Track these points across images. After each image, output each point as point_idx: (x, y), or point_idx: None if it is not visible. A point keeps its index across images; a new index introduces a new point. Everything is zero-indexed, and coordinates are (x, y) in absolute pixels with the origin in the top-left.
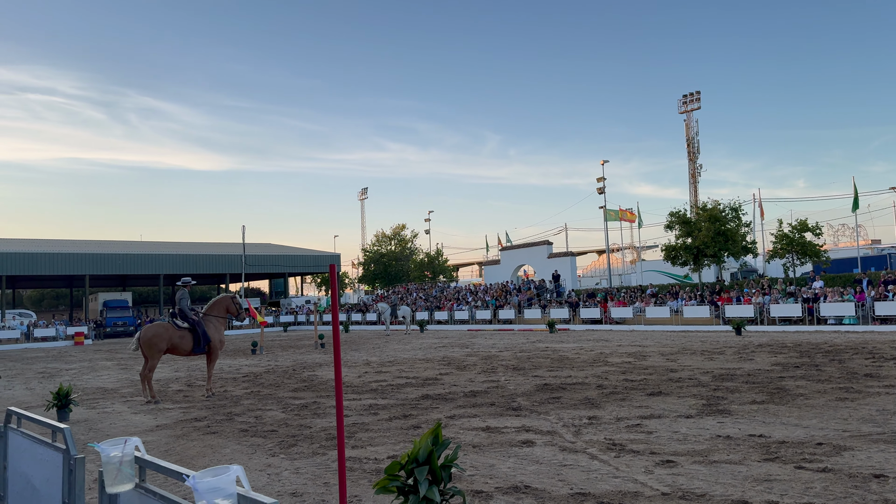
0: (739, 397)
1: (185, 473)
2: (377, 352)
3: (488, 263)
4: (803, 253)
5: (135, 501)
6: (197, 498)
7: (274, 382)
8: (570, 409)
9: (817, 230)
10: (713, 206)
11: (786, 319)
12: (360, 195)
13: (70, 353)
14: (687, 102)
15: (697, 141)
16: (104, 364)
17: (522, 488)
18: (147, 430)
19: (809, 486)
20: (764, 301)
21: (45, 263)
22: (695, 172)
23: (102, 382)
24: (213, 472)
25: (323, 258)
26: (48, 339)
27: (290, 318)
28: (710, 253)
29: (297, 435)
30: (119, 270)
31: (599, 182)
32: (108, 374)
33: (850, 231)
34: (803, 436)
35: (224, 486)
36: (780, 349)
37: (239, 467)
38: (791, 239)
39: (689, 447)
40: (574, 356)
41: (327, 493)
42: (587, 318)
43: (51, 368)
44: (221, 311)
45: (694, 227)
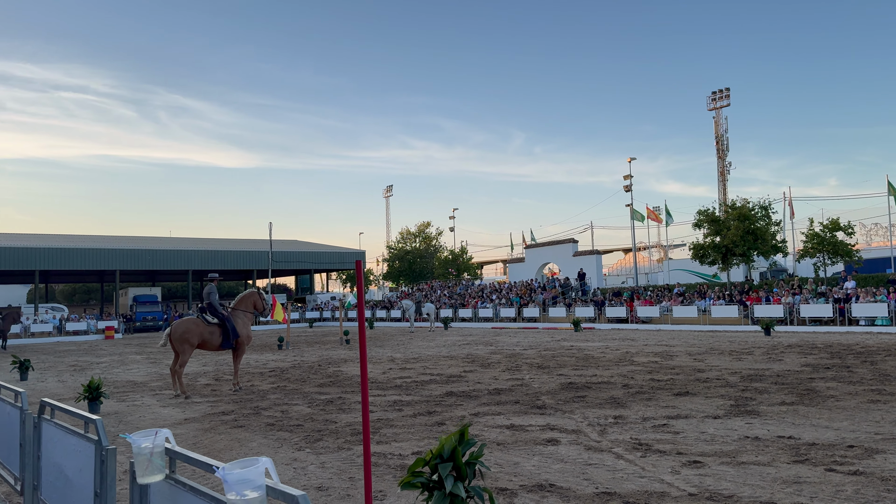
0: (768, 398)
1: (214, 465)
2: (401, 348)
3: (513, 261)
4: (835, 252)
5: (165, 492)
6: (226, 489)
7: (300, 377)
8: (596, 408)
9: (849, 229)
10: (742, 204)
11: (816, 320)
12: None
13: (100, 347)
14: (716, 99)
15: (726, 138)
16: (134, 358)
17: (547, 486)
18: (176, 423)
19: (840, 489)
20: (794, 301)
21: (77, 258)
22: (724, 170)
23: (132, 376)
24: (242, 463)
25: (348, 255)
26: (79, 332)
27: (316, 315)
28: (739, 252)
29: (322, 430)
30: (148, 266)
31: (626, 180)
32: (138, 368)
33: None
34: (834, 438)
35: (253, 477)
36: (811, 350)
37: (268, 459)
38: (822, 238)
39: (717, 448)
40: (599, 355)
41: (352, 487)
42: (613, 317)
43: (82, 362)
44: (249, 306)
45: (723, 226)
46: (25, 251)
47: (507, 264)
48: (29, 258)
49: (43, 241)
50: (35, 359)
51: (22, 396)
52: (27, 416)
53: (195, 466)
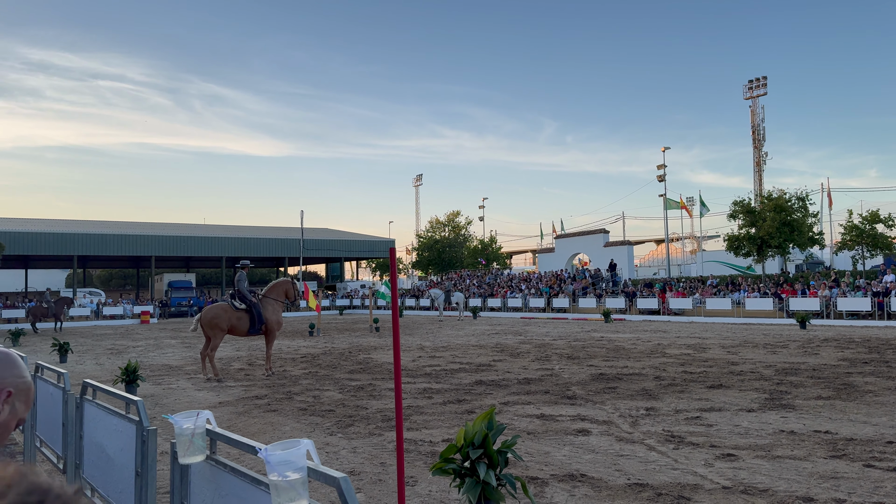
0: (804, 392)
1: (257, 446)
2: (431, 337)
3: (542, 251)
4: (874, 245)
5: (206, 473)
6: (269, 470)
7: (331, 364)
8: (627, 399)
9: (890, 221)
10: (779, 195)
11: (854, 314)
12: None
13: (136, 331)
14: (752, 88)
15: (763, 128)
16: (169, 342)
17: (578, 476)
18: (210, 406)
19: (879, 486)
20: (831, 294)
21: (114, 244)
22: (760, 160)
23: (167, 360)
24: (283, 445)
25: (378, 244)
26: (116, 317)
27: (346, 302)
28: (775, 244)
29: (353, 415)
30: (183, 252)
31: (660, 169)
32: (173, 352)
33: None
34: (872, 433)
35: (295, 459)
36: (848, 344)
37: (309, 441)
38: (861, 230)
39: (751, 441)
40: (630, 346)
41: (384, 472)
42: (644, 309)
43: (119, 345)
44: (280, 294)
45: (758, 217)
46: (64, 237)
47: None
48: (68, 244)
49: (81, 228)
50: (73, 342)
51: (65, 377)
52: (70, 396)
53: (236, 448)
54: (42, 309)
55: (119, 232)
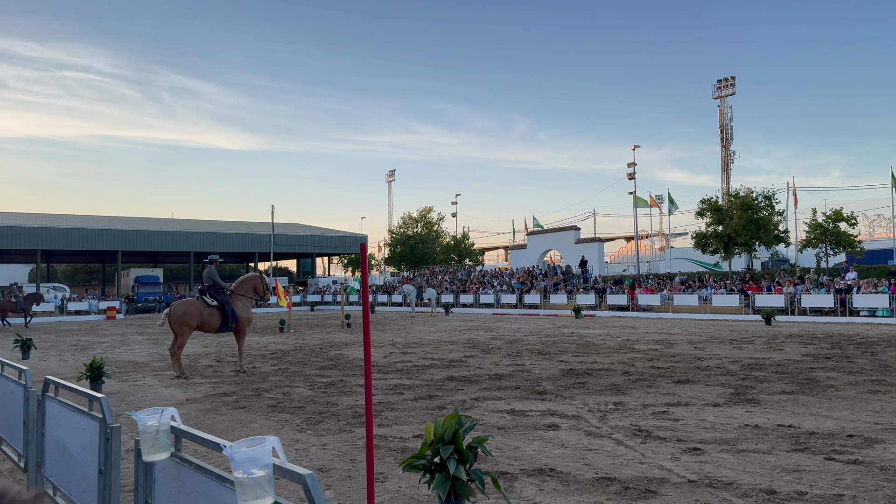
0: (768, 387)
1: (222, 444)
2: (403, 333)
3: (515, 248)
4: (837, 243)
5: (170, 470)
6: (234, 467)
7: (301, 360)
8: (596, 394)
9: (852, 220)
10: (745, 193)
11: (817, 310)
12: (388, 177)
13: (102, 327)
14: (721, 88)
15: (731, 127)
16: (135, 338)
17: (547, 471)
18: (177, 403)
19: (839, 478)
20: (795, 291)
21: (79, 239)
22: (727, 159)
23: (134, 356)
24: (249, 442)
25: (350, 239)
26: (81, 312)
27: (318, 298)
28: (742, 241)
29: (323, 412)
30: (150, 247)
31: (630, 167)
32: (140, 349)
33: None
34: (834, 427)
35: (260, 456)
36: (811, 340)
37: (275, 438)
38: (825, 229)
39: (717, 435)
40: (600, 342)
41: (353, 469)
42: (614, 305)
43: (84, 341)
44: (249, 290)
45: (725, 215)
46: (28, 230)
47: (509, 251)
48: (31, 237)
49: (45, 221)
50: (37, 338)
51: (26, 374)
52: (31, 393)
53: (201, 445)
54: (10, 304)
55: (84, 226)
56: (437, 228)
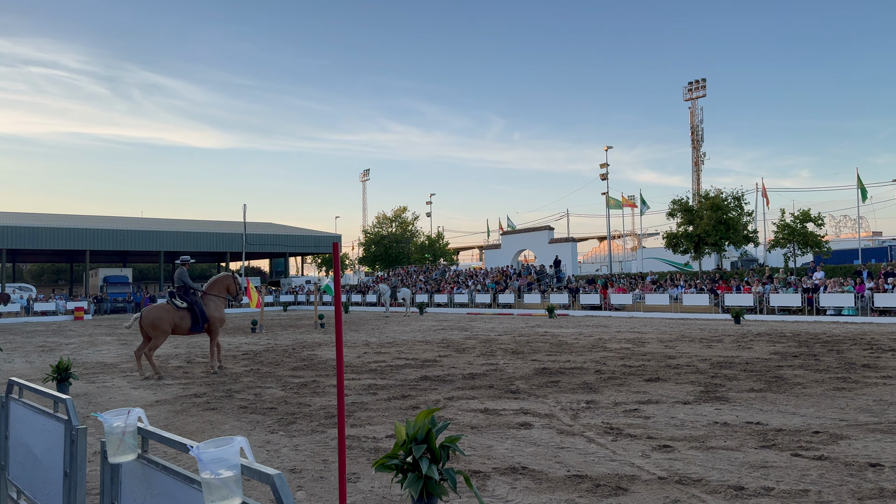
0: (737, 385)
1: (188, 444)
2: (376, 333)
3: (489, 248)
4: (804, 243)
5: (137, 472)
6: (201, 468)
7: (273, 361)
8: (569, 393)
9: (819, 221)
10: (715, 194)
11: (785, 309)
12: (363, 177)
13: (70, 328)
14: (692, 90)
15: (702, 129)
16: (104, 339)
17: (520, 469)
18: (146, 404)
19: (805, 474)
20: (764, 290)
21: (46, 238)
22: (698, 160)
23: (102, 357)
24: (216, 443)
25: (324, 238)
26: (48, 313)
27: (290, 298)
28: (712, 241)
29: (296, 413)
30: (120, 246)
31: (603, 168)
32: (108, 350)
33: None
34: (800, 424)
35: (228, 456)
36: (779, 338)
37: (243, 438)
38: (793, 229)
39: (687, 433)
40: (573, 341)
41: (326, 469)
42: (587, 304)
43: (50, 342)
44: (222, 290)
45: (696, 216)
46: None
47: (484, 250)
48: None
49: (10, 220)
50: (2, 339)
51: None
52: None
53: (168, 446)
54: None
55: (52, 224)
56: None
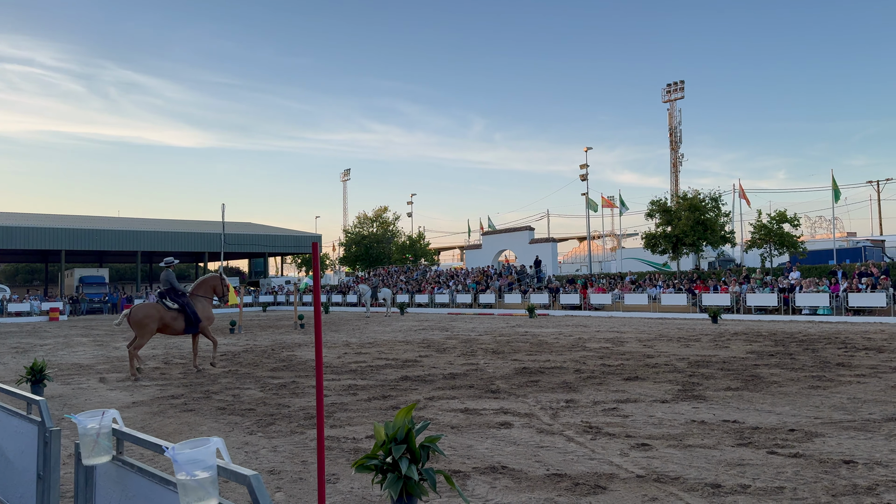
0: (714, 384)
1: (164, 445)
2: (357, 333)
3: (470, 248)
4: (781, 244)
5: (112, 474)
6: (176, 469)
7: (252, 362)
8: (548, 392)
9: (795, 221)
10: (693, 195)
11: (762, 309)
12: (343, 176)
13: (44, 329)
14: (671, 91)
15: (680, 130)
16: (79, 340)
17: (500, 469)
18: (123, 406)
19: (781, 471)
20: (741, 290)
21: (21, 237)
22: (676, 161)
23: (77, 358)
24: (192, 443)
25: (304, 238)
26: (22, 314)
27: (270, 298)
28: (689, 242)
29: (275, 414)
30: (96, 246)
31: (582, 169)
32: (84, 351)
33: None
34: (776, 422)
35: (204, 457)
36: (756, 338)
37: (219, 439)
38: (769, 230)
39: (665, 431)
40: (553, 341)
41: (305, 471)
42: (567, 304)
43: (25, 344)
44: (209, 290)
45: (674, 216)
46: None
47: (465, 251)
48: None
49: None
50: None
51: None
52: None
53: (144, 447)
54: None
55: (26, 224)
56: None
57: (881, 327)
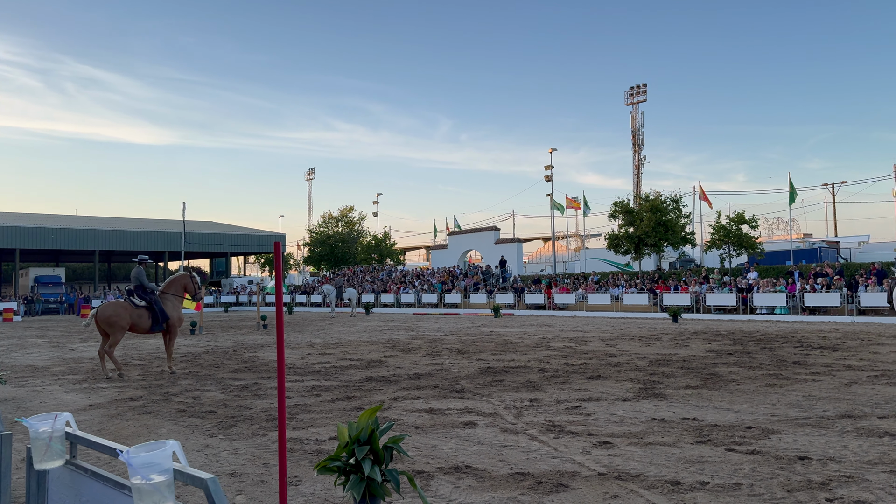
0: (674, 382)
1: (118, 449)
2: (321, 334)
3: (436, 248)
4: (739, 244)
5: (65, 478)
6: (131, 473)
7: (213, 363)
8: (513, 391)
9: (753, 223)
10: (655, 197)
11: (721, 308)
12: (308, 175)
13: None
14: (633, 94)
15: (642, 133)
16: (34, 341)
17: (463, 468)
18: (79, 409)
19: (739, 468)
20: (700, 290)
21: None
22: (639, 164)
23: (32, 360)
24: (148, 447)
25: (267, 238)
26: None
27: (232, 299)
28: (651, 242)
29: (236, 416)
30: (52, 245)
31: (547, 170)
32: (39, 352)
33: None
34: (734, 419)
35: (159, 461)
36: (715, 337)
37: (175, 442)
38: (728, 231)
39: (626, 429)
40: (518, 340)
41: (266, 473)
42: (531, 304)
43: None
44: (179, 289)
45: (636, 217)
46: None
47: (431, 251)
48: None
49: None
50: None
51: None
52: None
53: (98, 451)
54: None
55: None
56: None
57: (836, 326)
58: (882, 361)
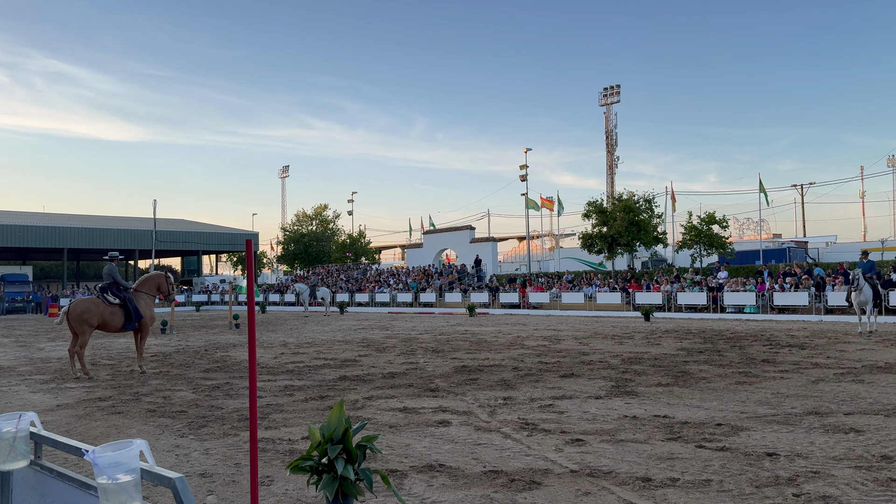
0: (646, 380)
1: (83, 448)
2: (295, 333)
3: (411, 247)
4: (710, 244)
5: (30, 479)
6: (97, 473)
7: (184, 362)
8: (487, 390)
9: (724, 223)
10: (628, 197)
11: (691, 307)
12: (282, 173)
13: None
14: (607, 95)
15: (616, 133)
16: (0, 341)
17: (437, 467)
18: (47, 409)
19: (708, 464)
20: (672, 289)
21: None
22: (612, 164)
23: None
24: (114, 446)
25: (240, 236)
26: None
27: (203, 298)
28: (624, 242)
29: (207, 416)
30: (18, 243)
31: (522, 170)
32: (5, 352)
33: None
34: (704, 417)
35: (126, 460)
36: (686, 335)
37: (143, 441)
38: (699, 231)
39: (598, 427)
40: (492, 339)
41: (238, 473)
42: (506, 303)
43: None
44: (153, 288)
45: (609, 217)
46: None
47: (406, 249)
48: None
49: None
50: None
51: None
52: None
53: (64, 451)
54: None
55: None
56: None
57: (804, 325)
58: (848, 359)
